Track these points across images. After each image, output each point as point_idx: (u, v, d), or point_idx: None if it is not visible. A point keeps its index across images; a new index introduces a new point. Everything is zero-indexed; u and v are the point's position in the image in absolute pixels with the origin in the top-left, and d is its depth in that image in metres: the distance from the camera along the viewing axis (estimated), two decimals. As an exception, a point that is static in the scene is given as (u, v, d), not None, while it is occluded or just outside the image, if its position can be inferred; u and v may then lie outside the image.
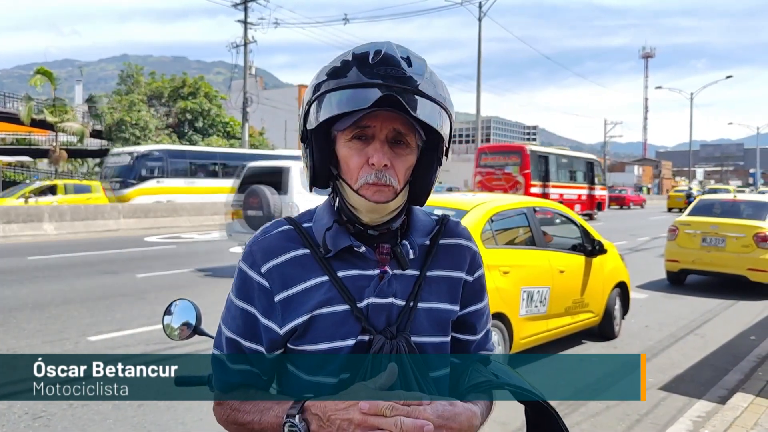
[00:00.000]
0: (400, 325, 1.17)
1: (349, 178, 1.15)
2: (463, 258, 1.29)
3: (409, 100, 1.09)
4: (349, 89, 1.09)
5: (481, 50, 33.88)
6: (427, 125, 1.11)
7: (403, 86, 1.09)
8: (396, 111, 1.08)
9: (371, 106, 1.06)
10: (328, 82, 1.12)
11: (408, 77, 1.10)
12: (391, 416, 0.99)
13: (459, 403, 1.09)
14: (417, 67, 1.12)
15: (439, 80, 1.17)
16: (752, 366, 6.01)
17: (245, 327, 1.21)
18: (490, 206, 5.75)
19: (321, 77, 1.14)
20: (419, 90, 1.10)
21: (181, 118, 35.68)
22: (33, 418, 4.41)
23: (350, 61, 1.12)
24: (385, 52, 1.11)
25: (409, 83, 1.09)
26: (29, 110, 30.34)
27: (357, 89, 1.09)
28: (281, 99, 63.91)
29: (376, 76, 1.09)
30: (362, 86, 1.09)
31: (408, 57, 1.12)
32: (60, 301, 8.37)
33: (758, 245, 9.77)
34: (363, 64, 1.10)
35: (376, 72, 1.09)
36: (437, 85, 1.15)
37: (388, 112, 1.08)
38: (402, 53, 1.12)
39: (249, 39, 31.14)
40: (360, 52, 1.12)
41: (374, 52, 1.11)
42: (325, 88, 1.12)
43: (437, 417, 1.02)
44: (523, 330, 5.58)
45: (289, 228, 1.23)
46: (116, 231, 18.90)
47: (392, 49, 1.12)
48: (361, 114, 1.08)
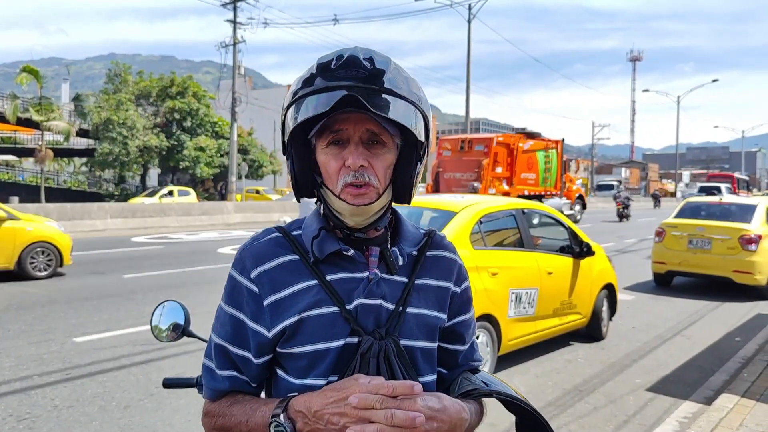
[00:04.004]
0: (390, 328, 1.18)
1: (330, 183, 1.16)
2: (450, 270, 1.31)
3: (375, 99, 1.09)
4: (313, 95, 1.11)
5: (470, 52, 33.97)
6: (401, 124, 1.12)
7: (365, 86, 1.09)
8: (362, 111, 1.08)
9: (333, 108, 1.07)
10: (300, 91, 1.14)
11: (369, 76, 1.10)
12: (382, 409, 1.00)
13: (446, 397, 1.10)
14: (380, 65, 1.12)
15: (411, 77, 1.17)
16: (738, 367, 6.07)
17: (234, 333, 1.21)
18: (479, 208, 5.76)
19: (295, 87, 1.16)
20: (387, 89, 1.10)
21: (169, 117, 35.45)
22: (17, 420, 4.36)
23: (315, 70, 1.13)
24: (347, 57, 1.11)
25: (372, 82, 1.10)
26: (15, 109, 30.05)
27: (320, 94, 1.10)
28: (270, 99, 63.71)
29: (336, 79, 1.10)
30: (324, 90, 1.10)
31: (371, 57, 1.12)
32: (46, 301, 8.29)
33: (743, 247, 9.87)
34: (325, 70, 1.12)
35: (336, 75, 1.10)
36: (409, 83, 1.15)
37: (359, 113, 1.09)
38: (365, 54, 1.12)
39: (238, 39, 31.00)
40: (324, 60, 1.14)
41: (336, 58, 1.12)
42: (296, 97, 1.14)
43: (427, 409, 1.03)
44: (512, 331, 5.60)
45: (278, 236, 1.24)
46: (103, 231, 18.76)
47: (355, 52, 1.13)
48: (326, 117, 1.09)
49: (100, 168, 36.01)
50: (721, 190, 34.96)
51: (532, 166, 22.88)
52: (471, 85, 34.69)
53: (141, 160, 34.17)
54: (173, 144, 34.64)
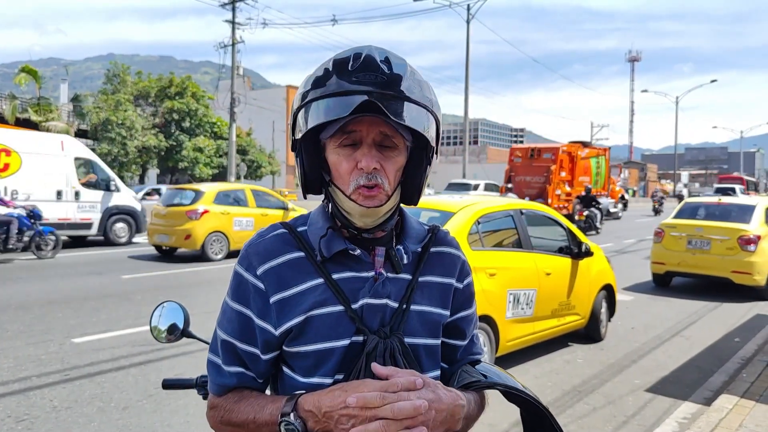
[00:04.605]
0: (394, 326, 1.19)
1: (341, 183, 1.16)
2: (453, 265, 1.32)
3: (392, 104, 1.09)
4: (330, 98, 1.10)
5: (469, 52, 33.96)
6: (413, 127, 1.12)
7: (383, 91, 1.09)
8: (378, 116, 1.08)
9: (352, 113, 1.07)
10: (313, 91, 1.13)
11: (388, 81, 1.10)
12: (383, 405, 1.02)
13: (439, 386, 1.12)
14: (397, 69, 1.12)
15: (424, 81, 1.17)
16: (737, 368, 6.07)
17: (240, 329, 1.21)
18: (477, 208, 5.76)
19: (306, 86, 1.15)
20: (403, 94, 1.10)
21: (167, 117, 35.45)
22: (16, 421, 4.35)
23: (331, 69, 1.12)
24: (364, 57, 1.11)
25: (390, 87, 1.10)
26: (14, 109, 30.04)
27: (338, 97, 1.09)
28: (269, 99, 63.75)
29: (355, 82, 1.09)
30: (342, 94, 1.09)
31: (387, 59, 1.12)
32: (44, 302, 8.28)
33: (742, 248, 9.87)
34: (342, 71, 1.11)
35: (355, 78, 1.09)
36: (423, 87, 1.15)
37: (374, 116, 1.09)
38: (381, 56, 1.12)
39: (237, 39, 30.97)
40: (340, 58, 1.13)
41: (353, 57, 1.11)
42: (310, 96, 1.13)
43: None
44: (510, 332, 5.60)
45: (284, 232, 1.25)
46: (101, 231, 18.70)
47: (372, 52, 1.12)
48: (343, 122, 1.09)
49: (99, 168, 35.96)
50: (736, 191, 36.90)
51: (587, 171, 27.54)
52: (470, 85, 34.71)
53: (140, 161, 34.18)
54: (172, 144, 34.63)
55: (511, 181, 26.15)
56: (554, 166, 25.06)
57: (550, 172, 25.02)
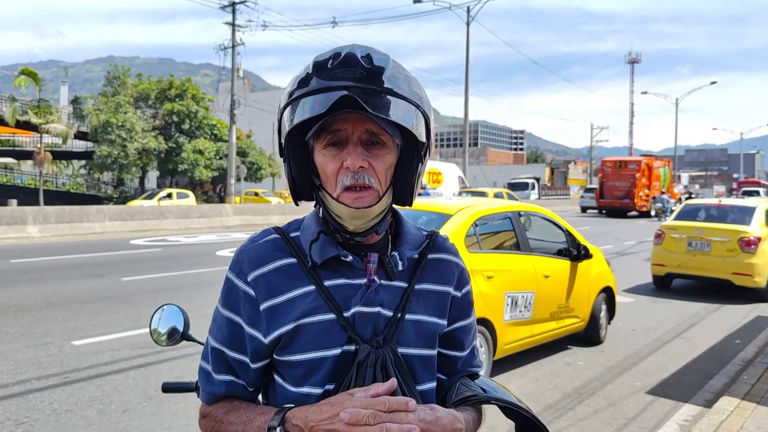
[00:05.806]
0: (387, 336, 1.15)
1: (329, 186, 1.13)
2: (451, 273, 1.28)
3: (374, 99, 1.06)
4: (310, 96, 1.08)
5: (469, 54, 33.98)
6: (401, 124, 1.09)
7: (364, 86, 1.06)
8: (360, 112, 1.05)
9: (330, 109, 1.04)
10: (297, 91, 1.11)
11: (368, 76, 1.07)
12: (375, 424, 0.98)
13: (439, 408, 1.09)
14: (378, 63, 1.08)
15: (412, 76, 1.14)
16: (737, 369, 6.06)
17: (231, 337, 1.19)
18: (474, 210, 5.74)
19: (290, 86, 1.13)
20: (387, 88, 1.07)
21: (167, 119, 35.39)
22: (16, 424, 4.34)
23: (311, 69, 1.10)
24: (344, 55, 1.08)
25: (371, 81, 1.06)
26: (14, 111, 29.99)
27: (317, 95, 1.07)
28: (269, 101, 63.69)
29: (334, 78, 1.07)
30: (321, 91, 1.07)
31: (368, 55, 1.08)
32: (44, 304, 8.27)
33: (742, 250, 9.87)
34: (321, 69, 1.08)
35: (333, 75, 1.07)
36: (410, 82, 1.12)
37: (357, 113, 1.06)
38: (363, 53, 1.08)
39: (237, 41, 30.99)
40: (321, 59, 1.10)
41: (333, 56, 1.09)
42: (294, 95, 1.11)
43: (419, 421, 1.02)
44: (508, 335, 5.58)
45: (277, 237, 1.21)
46: (101, 234, 18.73)
47: (353, 49, 1.09)
48: (323, 119, 1.06)
49: (99, 170, 35.96)
50: (760, 194, 44.35)
51: (658, 177, 37.73)
52: (470, 87, 34.70)
53: (140, 163, 34.13)
54: (172, 146, 34.58)
55: (602, 186, 36.16)
56: (638, 174, 35.02)
57: (636, 179, 34.98)
